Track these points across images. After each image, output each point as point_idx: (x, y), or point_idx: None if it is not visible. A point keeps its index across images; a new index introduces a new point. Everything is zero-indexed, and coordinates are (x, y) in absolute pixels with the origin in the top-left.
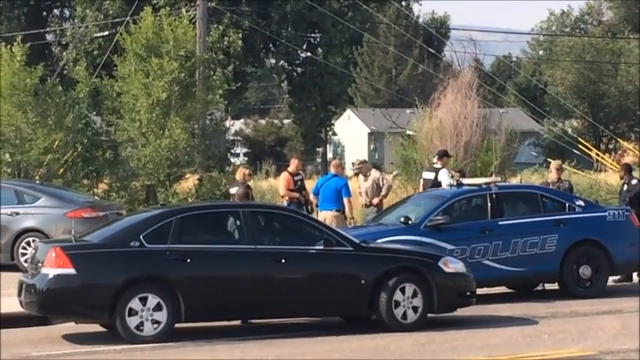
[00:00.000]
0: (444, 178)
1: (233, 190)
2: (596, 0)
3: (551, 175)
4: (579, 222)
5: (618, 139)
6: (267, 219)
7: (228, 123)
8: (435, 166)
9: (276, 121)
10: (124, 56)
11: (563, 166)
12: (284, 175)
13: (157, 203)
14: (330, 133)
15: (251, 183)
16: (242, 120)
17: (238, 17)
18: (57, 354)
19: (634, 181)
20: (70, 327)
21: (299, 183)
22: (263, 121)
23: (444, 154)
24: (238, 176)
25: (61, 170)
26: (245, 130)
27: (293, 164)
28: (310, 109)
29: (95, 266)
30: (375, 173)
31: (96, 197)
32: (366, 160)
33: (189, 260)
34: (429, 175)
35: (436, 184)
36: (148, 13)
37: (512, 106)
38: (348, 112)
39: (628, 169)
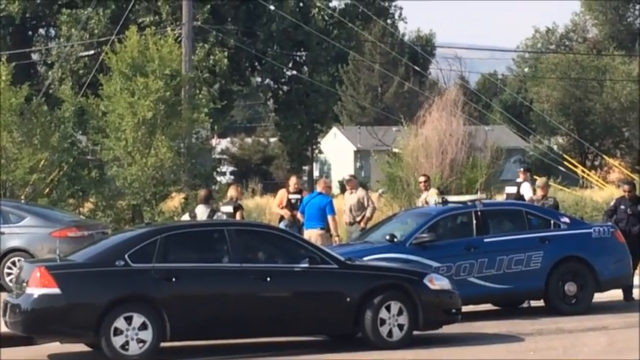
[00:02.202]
0: (527, 191)
1: (224, 209)
2: (581, 17)
3: (537, 193)
4: (564, 239)
5: (604, 156)
6: (252, 237)
7: (214, 141)
8: (518, 180)
9: (262, 140)
10: (109, 75)
11: (549, 182)
12: (281, 191)
13: (143, 222)
14: (317, 151)
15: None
16: (228, 138)
17: (224, 36)
18: None
19: None
20: (56, 347)
21: (293, 201)
22: (249, 140)
23: (527, 170)
24: (230, 194)
25: (47, 190)
26: (231, 148)
27: (291, 182)
28: (296, 127)
29: (80, 286)
30: (360, 192)
31: (81, 216)
32: (355, 176)
33: (174, 279)
34: (511, 190)
35: (519, 197)
36: (134, 32)
37: (498, 124)
38: (334, 130)
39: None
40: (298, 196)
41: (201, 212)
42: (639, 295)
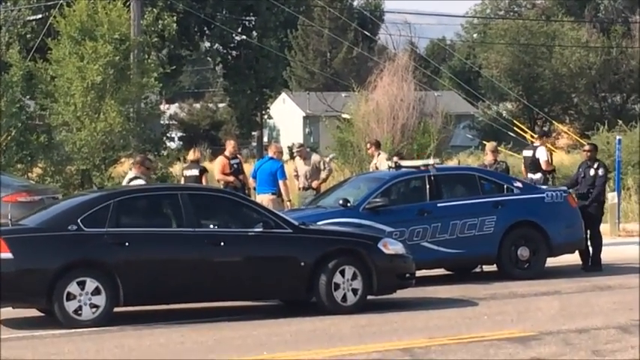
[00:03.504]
0: (542, 154)
1: (188, 172)
2: None
3: (487, 157)
4: (517, 203)
5: (553, 122)
6: (205, 202)
7: (163, 107)
8: (535, 144)
9: (211, 105)
10: (57, 39)
11: (499, 148)
12: (219, 159)
13: (93, 187)
14: (266, 116)
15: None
16: (176, 104)
17: (173, 0)
18: None
19: (601, 171)
20: (8, 312)
21: (235, 166)
22: (198, 105)
23: (543, 134)
24: (192, 157)
25: None
26: (180, 114)
27: (229, 146)
28: (245, 93)
29: (32, 250)
30: (315, 157)
31: (31, 181)
32: (304, 144)
33: (127, 244)
34: (528, 153)
35: (534, 160)
36: None
37: (448, 89)
38: (283, 95)
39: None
40: (238, 160)
41: (126, 177)
42: None
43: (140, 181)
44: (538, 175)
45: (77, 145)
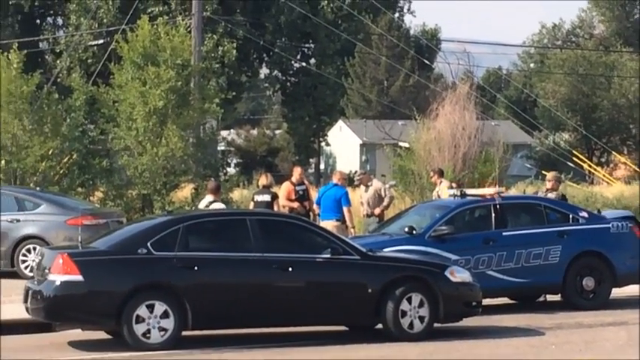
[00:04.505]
0: None
1: (260, 198)
2: (588, 13)
3: (547, 184)
4: (583, 233)
5: (612, 151)
6: (274, 227)
7: (225, 133)
8: None
9: (268, 132)
10: (120, 64)
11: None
12: (285, 184)
13: (153, 212)
14: (323, 143)
15: (245, 193)
16: (232, 130)
17: (233, 27)
18: None
19: None
20: (76, 334)
21: (301, 193)
22: (255, 132)
23: None
24: (264, 182)
25: (57, 178)
26: (237, 140)
27: (296, 173)
28: (303, 120)
29: (102, 273)
30: (377, 183)
31: (96, 205)
32: (365, 171)
33: (196, 268)
34: None
35: None
36: (145, 22)
37: (505, 118)
38: (340, 123)
39: None
40: (304, 187)
41: (203, 202)
42: None
43: (219, 205)
44: None
45: (139, 169)
